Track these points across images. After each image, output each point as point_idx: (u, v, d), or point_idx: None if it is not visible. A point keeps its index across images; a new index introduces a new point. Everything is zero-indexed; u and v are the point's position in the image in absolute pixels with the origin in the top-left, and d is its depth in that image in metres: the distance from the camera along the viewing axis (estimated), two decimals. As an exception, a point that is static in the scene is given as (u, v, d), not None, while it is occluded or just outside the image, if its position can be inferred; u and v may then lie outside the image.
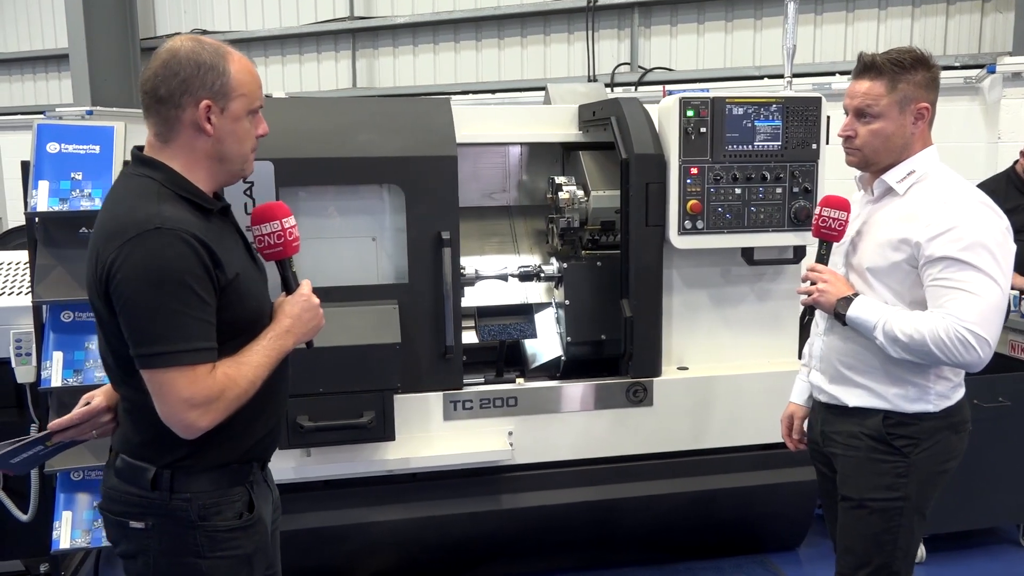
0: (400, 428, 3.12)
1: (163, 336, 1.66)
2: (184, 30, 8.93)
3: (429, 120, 3.19)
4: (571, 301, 3.49)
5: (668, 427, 3.36)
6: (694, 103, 3.20)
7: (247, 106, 1.82)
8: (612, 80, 6.83)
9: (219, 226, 1.84)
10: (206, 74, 1.77)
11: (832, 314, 2.21)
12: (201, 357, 1.69)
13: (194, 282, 1.68)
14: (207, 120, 1.77)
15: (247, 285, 1.81)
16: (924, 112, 2.17)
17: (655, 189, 3.24)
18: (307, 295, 1.93)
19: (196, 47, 1.79)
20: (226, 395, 1.72)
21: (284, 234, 1.91)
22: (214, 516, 1.81)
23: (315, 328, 1.94)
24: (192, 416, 1.68)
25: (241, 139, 1.83)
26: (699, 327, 3.46)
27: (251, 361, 1.78)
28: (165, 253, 1.66)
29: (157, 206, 1.71)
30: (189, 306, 1.67)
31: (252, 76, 1.84)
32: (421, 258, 3.11)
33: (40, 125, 2.76)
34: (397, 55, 8.06)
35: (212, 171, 1.84)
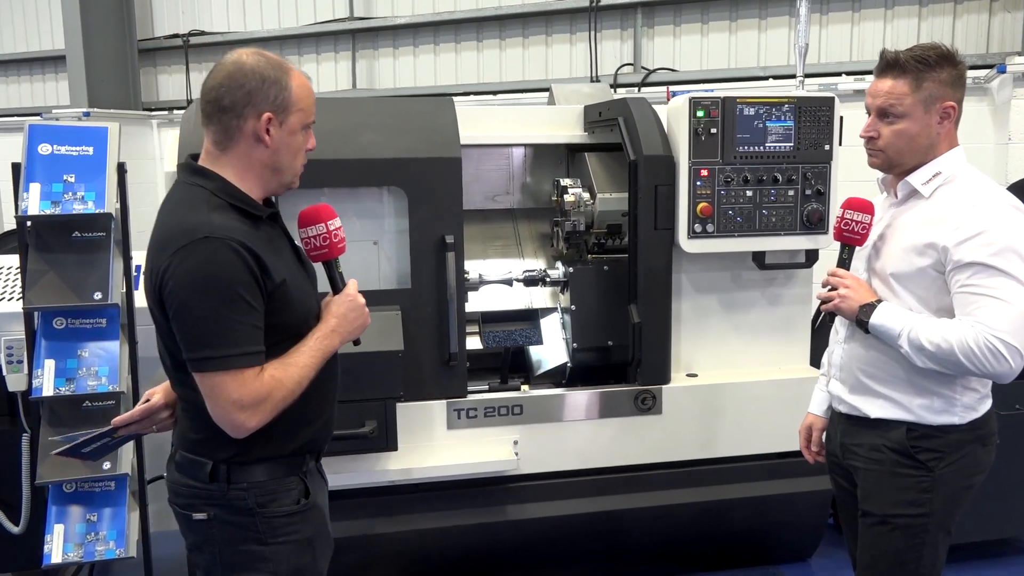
0: (403, 437, 3.04)
1: (213, 341, 1.73)
2: (182, 31, 8.85)
3: (432, 121, 3.10)
4: (577, 306, 3.41)
5: (677, 435, 3.28)
6: (704, 103, 3.12)
7: (303, 120, 1.89)
8: (615, 81, 6.73)
9: (268, 232, 1.90)
10: (270, 88, 1.84)
11: (854, 321, 2.12)
12: (249, 361, 1.75)
13: (242, 289, 1.74)
14: (267, 132, 1.84)
15: (294, 290, 1.87)
16: (950, 111, 2.09)
17: (664, 191, 3.16)
18: (352, 295, 1.99)
19: (261, 61, 1.86)
20: (274, 396, 1.79)
21: (330, 236, 1.97)
22: (271, 503, 1.88)
23: (361, 327, 2.00)
24: (241, 417, 1.76)
25: (295, 152, 1.91)
26: (709, 333, 3.37)
27: (298, 362, 1.85)
28: (214, 261, 1.73)
29: (207, 215, 1.78)
30: (238, 312, 1.74)
31: (309, 92, 1.92)
32: (424, 263, 3.03)
33: (32, 126, 2.68)
34: (397, 56, 7.97)
35: (264, 180, 1.91)
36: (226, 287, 1.73)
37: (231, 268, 1.73)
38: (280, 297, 1.83)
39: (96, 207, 2.65)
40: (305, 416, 1.93)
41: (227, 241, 1.74)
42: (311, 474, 2.00)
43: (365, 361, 2.83)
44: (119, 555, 2.72)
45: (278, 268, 1.84)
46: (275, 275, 1.81)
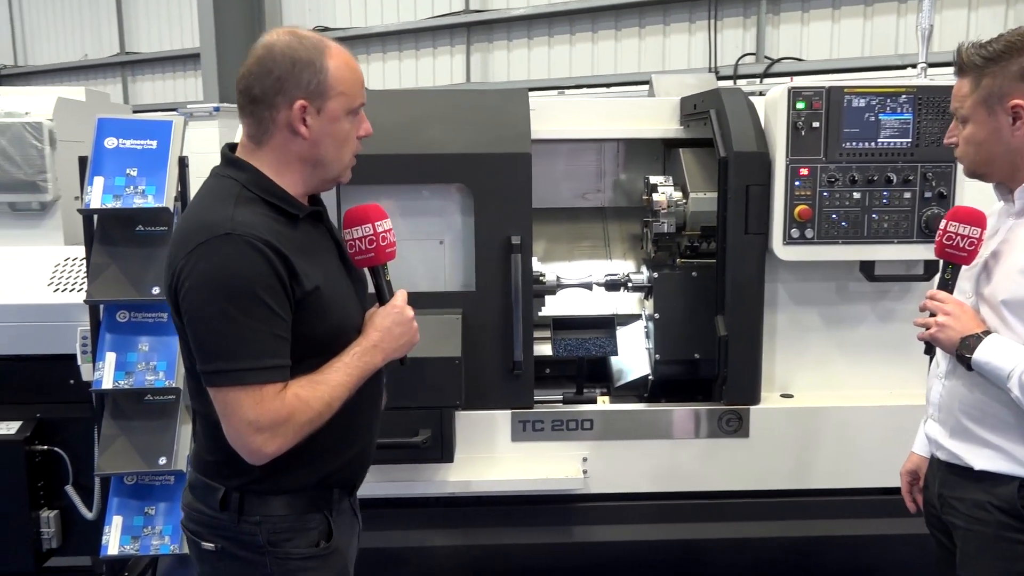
0: (464, 447, 2.89)
1: (228, 352, 1.54)
2: (307, 27, 9.07)
3: (503, 114, 2.93)
4: (661, 315, 3.15)
5: (766, 462, 2.96)
6: (805, 93, 2.78)
7: (346, 106, 1.68)
8: (735, 72, 6.35)
9: (306, 233, 1.70)
10: (301, 72, 1.63)
11: (954, 355, 1.78)
12: (269, 376, 1.56)
13: (265, 293, 1.55)
14: (302, 122, 1.64)
15: (331, 298, 1.67)
16: (1020, 111, 1.71)
17: (757, 192, 2.85)
18: (400, 307, 1.78)
19: (292, 42, 1.65)
20: (296, 419, 1.58)
21: (376, 239, 1.77)
22: (285, 543, 1.69)
23: (408, 344, 1.80)
24: (258, 441, 1.56)
25: (340, 142, 1.69)
26: (807, 350, 3.04)
27: (330, 380, 1.64)
28: (234, 261, 1.54)
29: (232, 209, 1.60)
30: (258, 319, 1.54)
31: (352, 72, 1.69)
32: (489, 264, 2.86)
33: (101, 120, 2.70)
34: (511, 48, 7.87)
35: (305, 175, 1.70)
36: (246, 291, 1.53)
37: (253, 269, 1.54)
38: (312, 305, 1.63)
39: (155, 201, 2.64)
40: (336, 445, 1.73)
41: (250, 239, 1.55)
42: (340, 512, 1.79)
43: (420, 367, 2.69)
44: (173, 551, 2.72)
45: (311, 272, 1.64)
46: (306, 280, 1.61)
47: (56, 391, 3.13)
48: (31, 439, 3.07)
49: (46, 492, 3.13)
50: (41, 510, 3.11)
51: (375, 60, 8.71)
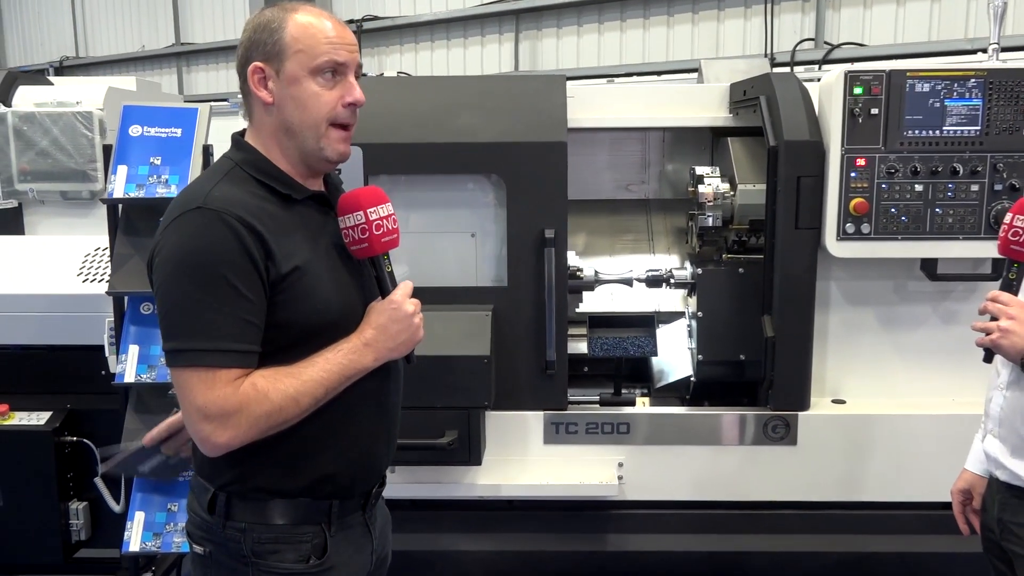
0: (494, 449, 2.78)
1: (185, 331, 1.46)
2: (357, 16, 9.05)
3: (538, 101, 2.79)
4: (705, 313, 2.99)
5: (814, 472, 2.78)
6: (864, 78, 2.59)
7: (306, 64, 1.55)
8: (792, 58, 6.09)
9: (302, 216, 1.60)
10: (261, 34, 1.56)
11: (1019, 364, 1.60)
12: (224, 360, 1.46)
13: (231, 272, 1.45)
14: (263, 86, 1.55)
15: (314, 282, 1.55)
16: None
17: (809, 184, 2.66)
18: (398, 302, 1.63)
19: (267, 10, 1.58)
20: (250, 410, 1.47)
21: (369, 227, 1.61)
22: (270, 555, 1.58)
23: (406, 343, 1.64)
24: (206, 429, 1.46)
25: (304, 104, 1.56)
26: (862, 353, 2.84)
27: (302, 374, 1.52)
28: (202, 236, 1.46)
29: (214, 185, 1.53)
30: (220, 300, 1.45)
31: (315, 28, 1.56)
32: (522, 259, 2.73)
33: (126, 107, 2.65)
34: (561, 36, 7.70)
35: (283, 148, 1.60)
36: (210, 269, 1.44)
37: (220, 245, 1.45)
38: (291, 288, 1.52)
39: (178, 191, 2.57)
40: (324, 447, 1.60)
41: (222, 213, 1.46)
42: (345, 528, 1.65)
43: (447, 365, 2.59)
44: (194, 549, 2.66)
45: (293, 253, 1.53)
46: (284, 261, 1.50)
47: (87, 382, 3.11)
48: (60, 430, 3.05)
49: (75, 484, 3.12)
50: (70, 502, 3.10)
51: (423, 49, 8.63)
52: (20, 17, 13.68)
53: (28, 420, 3.07)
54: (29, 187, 3.62)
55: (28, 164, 3.78)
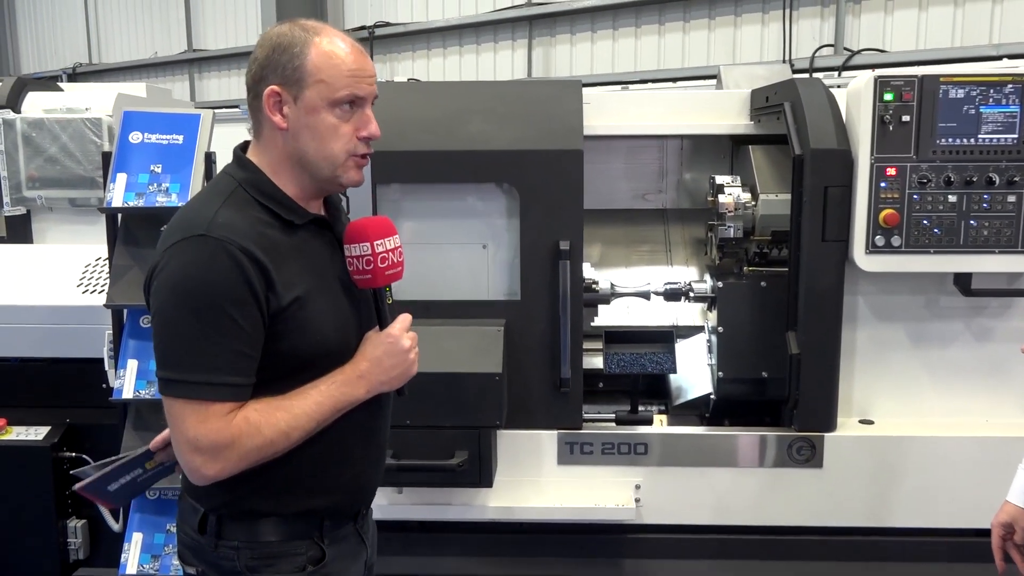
0: (505, 469, 2.67)
1: (181, 362, 1.45)
2: (369, 23, 8.98)
3: (553, 108, 2.68)
4: (725, 328, 2.87)
5: (841, 496, 2.66)
6: (894, 83, 2.47)
7: (327, 96, 1.51)
8: (811, 65, 5.96)
9: (304, 241, 1.56)
10: (280, 56, 1.50)
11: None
12: (218, 393, 1.45)
13: (231, 305, 1.44)
14: (278, 111, 1.51)
15: (315, 312, 1.53)
16: None
17: (836, 194, 2.54)
18: (395, 336, 1.61)
19: (285, 28, 1.54)
20: (241, 444, 1.46)
21: (374, 259, 1.59)
22: (266, 568, 1.58)
23: (400, 377, 1.63)
24: (196, 461, 1.46)
25: (321, 136, 1.52)
26: (891, 371, 2.72)
27: (294, 407, 1.50)
28: (202, 266, 1.44)
29: (217, 209, 1.50)
30: (219, 332, 1.44)
31: (339, 59, 1.51)
32: (535, 272, 2.62)
33: (126, 113, 2.56)
34: (575, 42, 7.59)
35: (295, 175, 1.56)
36: (210, 300, 1.43)
37: (223, 277, 1.43)
38: (292, 319, 1.50)
39: (179, 200, 2.48)
40: (316, 474, 1.60)
41: (225, 243, 1.44)
42: (338, 540, 1.65)
43: (457, 383, 2.49)
44: (193, 572, 2.56)
45: (295, 282, 1.50)
46: (285, 292, 1.48)
47: (87, 396, 3.02)
48: (59, 445, 2.97)
49: (74, 501, 3.02)
50: (68, 519, 3.01)
51: (436, 56, 8.55)
52: (34, 24, 13.73)
53: (26, 435, 2.99)
54: (37, 194, 3.59)
55: (36, 171, 3.74)
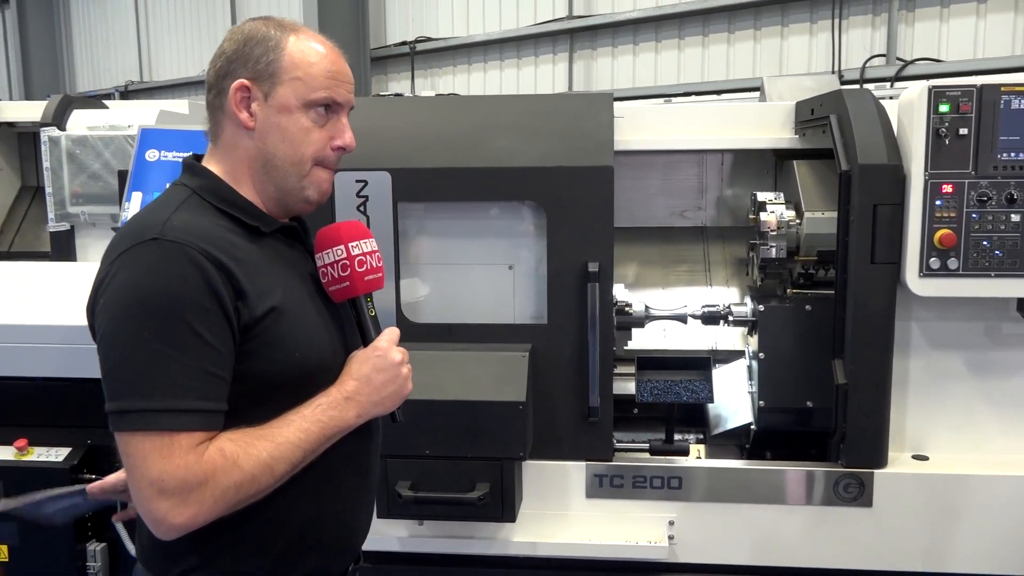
0: (532, 502, 2.53)
1: (137, 388, 1.23)
2: (410, 38, 8.98)
3: (582, 122, 2.56)
4: (766, 354, 2.70)
5: (892, 538, 2.47)
6: (951, 93, 2.29)
7: (302, 95, 1.37)
8: (861, 76, 5.74)
9: (274, 250, 1.39)
10: (253, 48, 1.36)
11: None
12: (184, 422, 1.23)
13: (194, 317, 1.24)
14: (245, 107, 1.35)
15: (292, 325, 1.35)
16: None
17: (887, 213, 2.37)
18: (383, 350, 1.43)
19: (259, 23, 1.39)
20: (217, 482, 1.24)
21: (351, 263, 1.43)
22: None
23: (392, 396, 1.44)
24: (163, 508, 1.22)
25: (292, 138, 1.38)
26: (948, 403, 2.52)
27: (276, 436, 1.29)
28: (160, 273, 1.25)
29: (170, 213, 1.33)
30: (181, 349, 1.23)
31: (320, 58, 1.38)
32: (562, 295, 2.49)
33: (143, 130, 2.52)
34: (616, 55, 7.47)
35: (257, 181, 1.40)
36: (169, 310, 1.23)
37: (181, 283, 1.24)
38: (267, 333, 1.31)
39: (194, 219, 2.42)
40: (297, 522, 1.38)
41: (184, 246, 1.26)
42: None
43: (478, 412, 2.37)
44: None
45: (268, 291, 1.32)
46: (258, 301, 1.30)
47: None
48: (79, 467, 2.91)
49: (94, 524, 2.96)
50: (88, 543, 2.95)
51: (476, 70, 8.50)
52: (89, 44, 14.08)
53: (47, 456, 2.94)
54: (81, 210, 3.62)
55: (80, 187, 3.77)
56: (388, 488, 2.37)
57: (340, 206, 2.48)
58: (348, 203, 2.48)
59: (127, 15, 13.05)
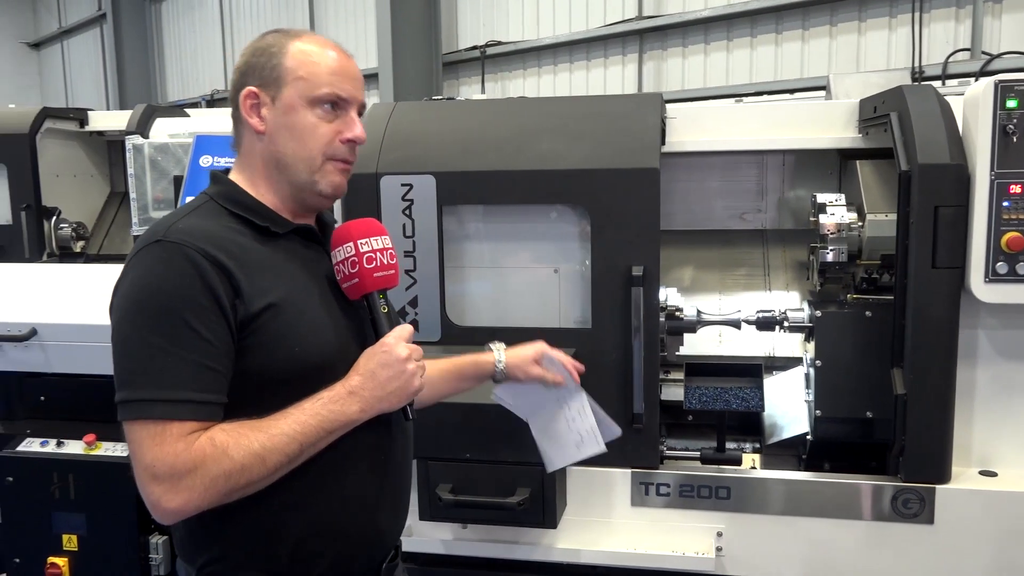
0: (575, 509, 2.50)
1: (134, 379, 1.31)
2: (481, 42, 9.03)
3: (629, 124, 2.51)
4: (824, 362, 2.61)
5: (955, 558, 2.34)
6: (1019, 88, 2.17)
7: (305, 93, 1.44)
8: (944, 71, 5.48)
9: (284, 251, 1.45)
10: (259, 58, 1.46)
11: None
12: (176, 411, 1.29)
13: (191, 314, 1.31)
14: (256, 113, 1.43)
15: (292, 321, 1.39)
16: None
17: (949, 215, 2.25)
18: (389, 345, 1.44)
19: (269, 35, 1.49)
20: (206, 469, 1.29)
21: (360, 260, 1.46)
22: None
23: (398, 393, 1.43)
24: (156, 492, 1.29)
25: (299, 135, 1.44)
26: (1018, 416, 2.39)
27: (271, 428, 1.34)
28: (158, 272, 1.33)
29: (181, 219, 1.42)
30: (177, 343, 1.30)
31: (320, 56, 1.45)
32: (607, 299, 2.45)
33: (198, 137, 2.59)
34: (687, 55, 7.34)
35: (273, 181, 1.47)
36: (165, 307, 1.30)
37: (178, 281, 1.31)
38: (265, 329, 1.37)
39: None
40: (309, 516, 1.42)
41: (183, 246, 1.33)
42: None
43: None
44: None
45: (268, 289, 1.37)
46: (256, 298, 1.36)
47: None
48: (143, 462, 3.01)
49: (156, 517, 3.07)
50: (151, 535, 3.05)
51: (546, 73, 8.48)
52: (179, 55, 14.67)
53: (113, 451, 3.05)
54: (162, 214, 3.75)
55: (161, 192, 3.92)
56: (429, 490, 2.38)
57: (386, 209, 2.50)
58: (393, 206, 2.50)
59: (213, 26, 13.54)
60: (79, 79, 17.20)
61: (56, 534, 3.00)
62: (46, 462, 3.01)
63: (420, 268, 2.51)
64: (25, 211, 4.76)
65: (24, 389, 3.31)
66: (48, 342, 2.94)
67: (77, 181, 5.23)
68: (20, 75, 18.82)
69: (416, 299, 2.53)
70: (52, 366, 2.99)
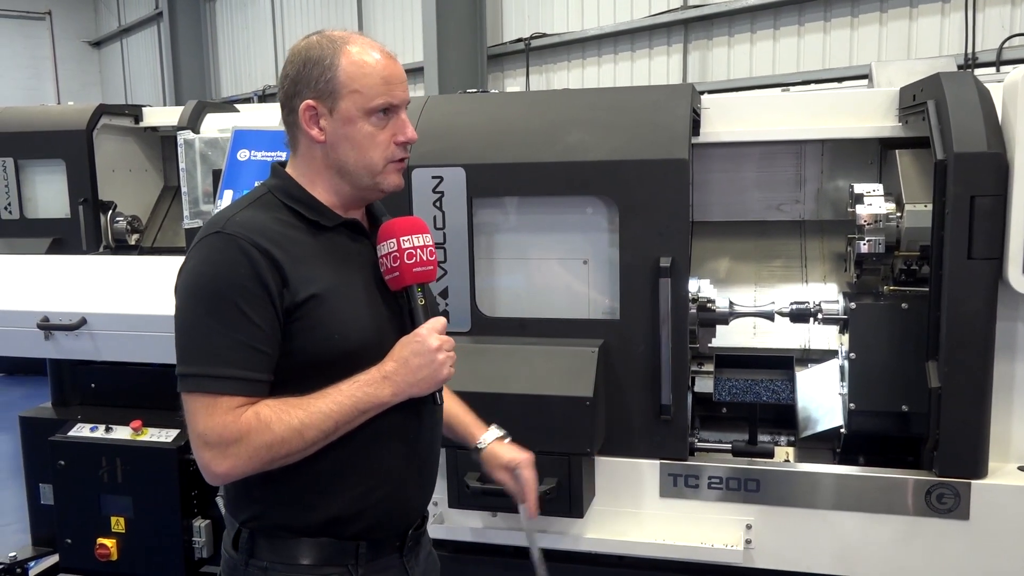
0: (604, 499, 2.51)
1: (191, 355, 1.47)
2: (525, 35, 9.03)
3: (658, 115, 2.50)
4: (858, 354, 2.57)
5: (991, 555, 2.29)
6: (1059, 74, 2.10)
7: (362, 104, 1.54)
8: (998, 58, 5.31)
9: (334, 243, 1.58)
10: (312, 70, 1.54)
11: None
12: (226, 387, 1.45)
13: (241, 299, 1.46)
14: (315, 124, 1.54)
15: (333, 310, 1.52)
16: None
17: (986, 205, 2.20)
18: (423, 336, 1.56)
19: (312, 41, 1.58)
20: (250, 440, 1.44)
21: (400, 255, 1.58)
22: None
23: (427, 380, 1.56)
24: (206, 456, 1.46)
25: (360, 145, 1.55)
26: (1059, 411, 2.32)
27: (310, 405, 1.47)
28: (214, 260, 1.48)
29: (239, 211, 1.55)
30: (228, 325, 1.45)
31: (370, 68, 1.55)
32: (635, 290, 2.45)
33: (236, 131, 2.65)
34: (732, 44, 7.25)
35: (334, 184, 1.59)
36: (218, 292, 1.45)
37: (232, 270, 1.45)
38: (307, 316, 1.49)
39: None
40: (341, 486, 1.55)
41: (237, 238, 1.47)
42: (378, 570, 1.60)
43: (545, 406, 2.37)
44: None
45: (313, 279, 1.50)
46: (301, 288, 1.48)
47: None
48: (186, 447, 3.11)
49: (199, 501, 3.17)
50: (194, 519, 3.15)
51: (591, 64, 8.45)
52: (232, 51, 14.97)
53: (158, 436, 3.16)
54: (212, 208, 3.85)
55: (211, 186, 4.04)
56: (458, 478, 2.41)
57: (417, 201, 2.54)
58: (424, 199, 2.54)
59: (265, 23, 13.79)
60: (138, 76, 17.69)
61: (105, 516, 3.12)
62: (95, 447, 3.13)
63: (450, 260, 2.55)
64: (82, 205, 4.95)
65: (76, 376, 3.46)
66: (97, 331, 3.05)
67: (132, 176, 5.42)
68: (83, 73, 19.44)
69: (446, 290, 2.56)
70: (101, 354, 3.10)
